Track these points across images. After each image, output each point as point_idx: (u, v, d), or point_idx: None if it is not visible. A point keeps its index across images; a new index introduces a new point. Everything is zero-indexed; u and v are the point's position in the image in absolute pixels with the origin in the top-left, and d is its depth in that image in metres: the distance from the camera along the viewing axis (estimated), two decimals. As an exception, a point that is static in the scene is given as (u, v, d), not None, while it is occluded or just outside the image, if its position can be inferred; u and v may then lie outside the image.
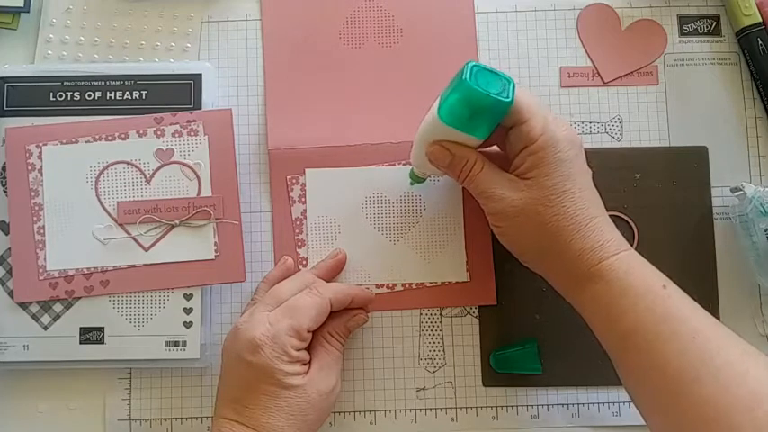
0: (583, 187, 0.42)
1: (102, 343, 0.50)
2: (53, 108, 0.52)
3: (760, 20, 0.53)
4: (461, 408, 0.52)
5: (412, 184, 0.51)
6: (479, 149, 0.45)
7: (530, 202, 0.42)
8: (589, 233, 0.41)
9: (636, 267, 0.41)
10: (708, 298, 0.52)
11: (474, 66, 0.40)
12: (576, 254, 0.41)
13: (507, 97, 0.40)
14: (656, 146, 0.54)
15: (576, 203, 0.42)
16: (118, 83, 0.52)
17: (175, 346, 0.50)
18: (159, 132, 0.51)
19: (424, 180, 0.51)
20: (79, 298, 0.50)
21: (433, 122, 0.43)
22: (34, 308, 0.50)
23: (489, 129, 0.42)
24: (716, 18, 0.56)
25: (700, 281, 0.39)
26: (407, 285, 0.52)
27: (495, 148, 0.47)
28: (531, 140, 0.41)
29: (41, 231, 0.50)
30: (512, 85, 0.41)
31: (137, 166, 0.51)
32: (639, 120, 0.54)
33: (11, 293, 0.50)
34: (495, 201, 0.43)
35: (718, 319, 0.49)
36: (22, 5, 0.54)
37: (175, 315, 0.50)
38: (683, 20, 0.56)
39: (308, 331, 0.45)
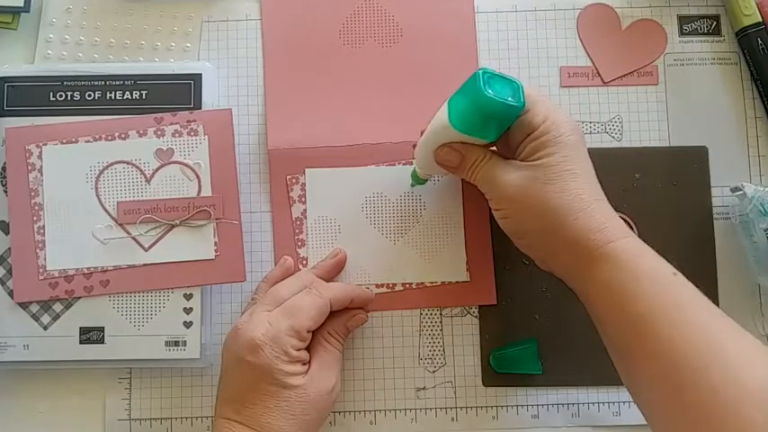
0: (585, 171, 0.42)
1: (102, 343, 0.50)
2: (53, 108, 0.52)
3: (760, 20, 0.53)
4: (461, 407, 0.52)
5: (413, 185, 0.51)
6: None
7: (532, 181, 0.41)
8: (594, 213, 0.41)
9: (646, 252, 0.41)
10: (708, 298, 0.52)
11: (485, 73, 0.41)
12: (581, 233, 0.40)
13: (519, 101, 0.41)
14: (656, 146, 0.54)
15: (580, 183, 0.41)
16: (118, 83, 0.52)
17: (175, 345, 0.50)
18: (159, 132, 0.51)
19: (426, 181, 0.51)
20: (79, 298, 0.50)
21: (443, 128, 0.43)
22: (34, 308, 0.50)
23: (500, 131, 0.43)
24: (716, 18, 0.56)
25: (700, 281, 0.39)
26: (407, 285, 0.52)
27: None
28: (534, 127, 0.42)
29: (41, 231, 0.50)
30: (521, 88, 0.41)
31: (137, 166, 0.51)
32: (639, 120, 0.54)
33: (11, 293, 0.50)
34: (496, 183, 0.43)
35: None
36: (22, 5, 0.54)
37: (175, 315, 0.50)
38: (683, 20, 0.56)
39: (308, 331, 0.45)
